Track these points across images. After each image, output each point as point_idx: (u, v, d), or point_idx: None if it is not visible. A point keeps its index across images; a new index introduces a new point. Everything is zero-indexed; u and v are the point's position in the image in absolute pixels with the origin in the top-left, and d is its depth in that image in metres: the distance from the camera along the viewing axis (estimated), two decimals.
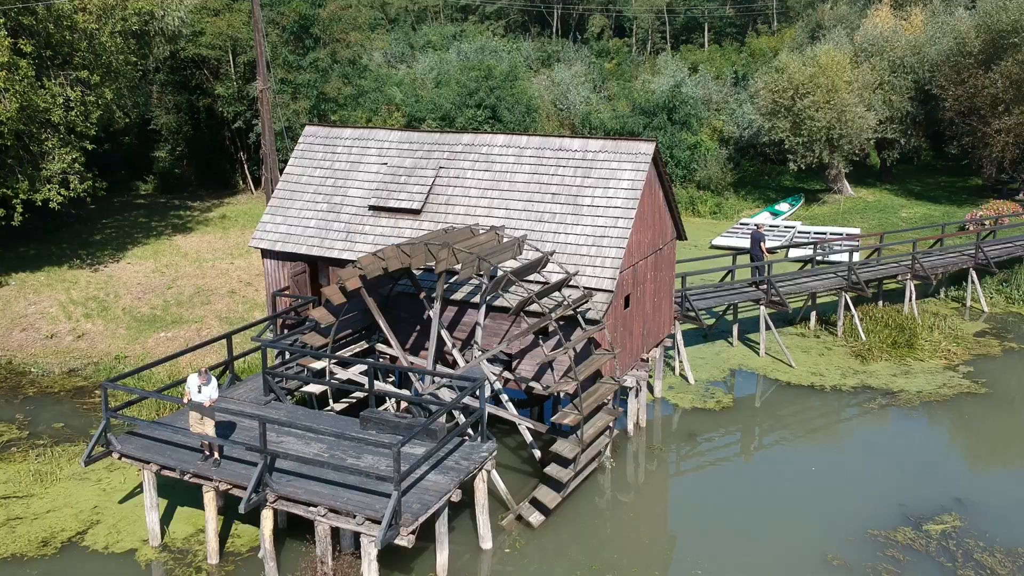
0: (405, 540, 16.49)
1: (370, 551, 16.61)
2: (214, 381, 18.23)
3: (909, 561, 18.98)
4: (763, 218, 48.32)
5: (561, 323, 21.15)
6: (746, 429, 25.90)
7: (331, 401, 22.67)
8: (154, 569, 18.82)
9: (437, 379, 21.19)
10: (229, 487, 18.05)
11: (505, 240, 21.56)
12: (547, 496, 20.17)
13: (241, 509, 17.24)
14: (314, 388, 22.50)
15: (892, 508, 21.20)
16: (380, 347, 23.70)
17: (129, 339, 31.35)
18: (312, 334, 22.09)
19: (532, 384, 22.13)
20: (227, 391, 22.05)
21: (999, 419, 26.04)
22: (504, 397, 21.80)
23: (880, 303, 34.78)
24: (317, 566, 17.66)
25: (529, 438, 21.82)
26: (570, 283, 21.42)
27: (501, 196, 24.22)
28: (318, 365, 22.31)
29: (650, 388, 27.65)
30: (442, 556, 18.37)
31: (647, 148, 23.53)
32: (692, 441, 25.16)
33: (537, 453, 21.92)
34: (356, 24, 47.77)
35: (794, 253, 40.07)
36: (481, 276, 20.44)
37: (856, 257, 35.38)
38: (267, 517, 17.91)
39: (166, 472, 18.99)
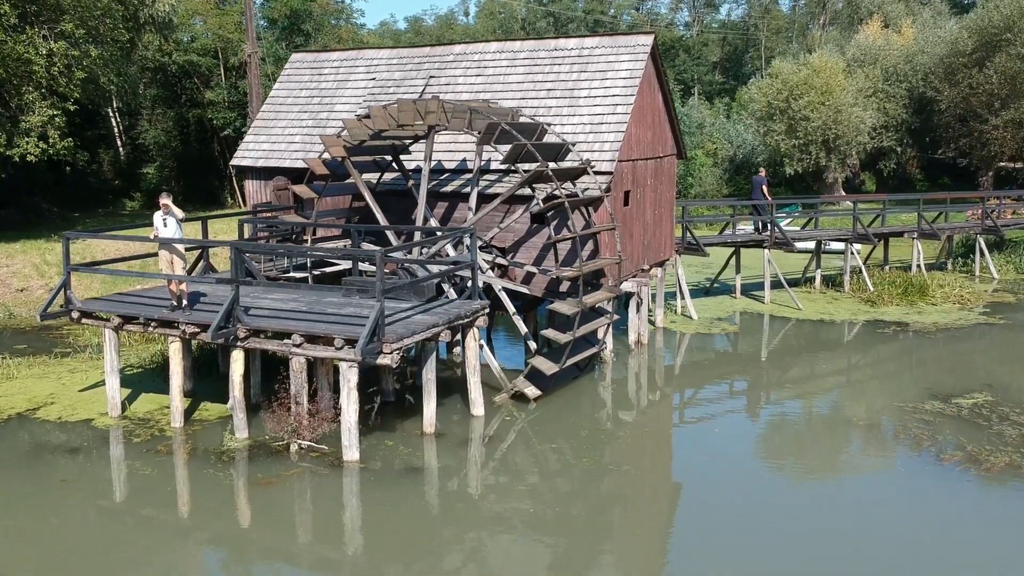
0: (388, 358, 14.89)
1: (349, 377, 14.95)
2: (178, 212, 16.76)
3: (939, 423, 17.31)
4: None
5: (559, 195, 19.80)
6: (754, 347, 24.39)
7: None
8: (112, 433, 17.03)
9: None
10: (197, 330, 16.42)
11: (499, 108, 20.44)
12: (544, 364, 18.52)
13: (207, 337, 15.66)
14: (296, 275, 20.96)
15: (917, 390, 19.62)
16: (367, 246, 22.22)
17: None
18: (292, 214, 20.75)
19: (530, 269, 20.67)
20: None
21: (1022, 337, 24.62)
22: (497, 283, 20.30)
23: (887, 268, 33.51)
24: (291, 406, 15.94)
25: (524, 328, 20.28)
26: (569, 152, 20.22)
27: (494, 97, 23.19)
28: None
29: (651, 322, 26.11)
30: (429, 409, 16.69)
31: (646, 40, 22.70)
32: (699, 355, 23.64)
33: (532, 344, 20.30)
34: (347, 17, 47.65)
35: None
36: (471, 131, 19.22)
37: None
38: (237, 359, 16.28)
39: (129, 327, 17.43)
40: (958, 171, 58.54)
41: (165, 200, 16.77)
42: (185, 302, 16.97)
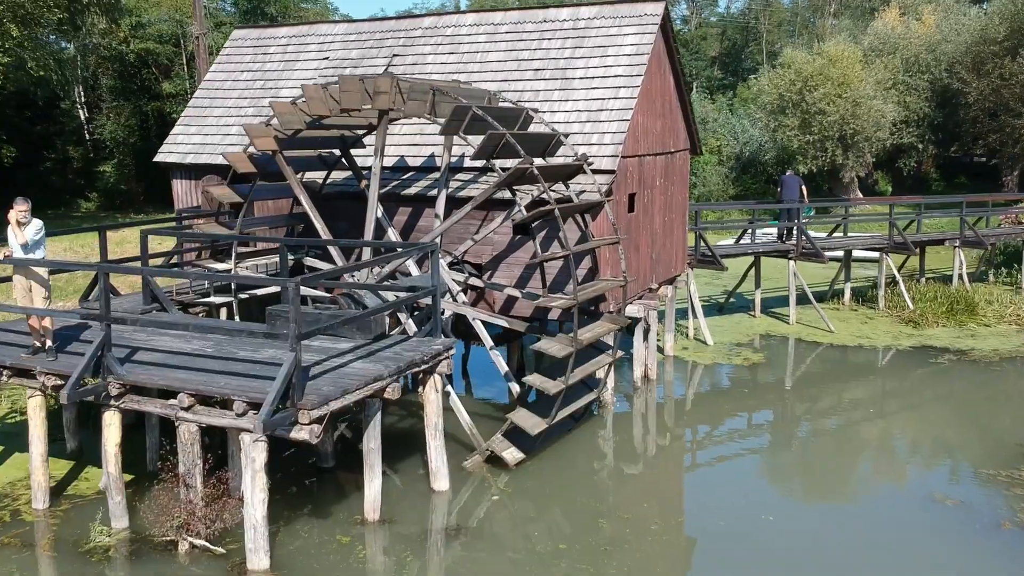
0: (305, 431, 10.66)
1: (254, 455, 10.72)
2: (37, 224, 12.48)
3: None
4: None
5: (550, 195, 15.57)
6: (786, 381, 20.25)
7: (238, 319, 16.89)
8: None
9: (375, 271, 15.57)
10: (59, 381, 12.18)
11: (472, 90, 16.22)
12: (527, 420, 14.29)
13: (63, 398, 11.43)
14: (217, 299, 16.72)
15: (1008, 448, 15.44)
16: (310, 262, 18.00)
17: None
18: (212, 223, 16.54)
19: (511, 293, 16.46)
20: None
21: None
22: (470, 313, 16.07)
23: (923, 280, 29.33)
24: (181, 491, 11.69)
25: (503, 368, 16.10)
26: (561, 144, 16.01)
27: (469, 80, 18.99)
28: (221, 266, 16.65)
29: (659, 350, 21.87)
30: (372, 489, 12.45)
31: (655, 9, 18.50)
32: (718, 395, 19.51)
33: (515, 387, 16.07)
34: None
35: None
36: (432, 118, 15.05)
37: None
38: (110, 423, 12.04)
39: None
40: (975, 170, 54.50)
41: (22, 207, 12.49)
42: (49, 343, 12.72)
